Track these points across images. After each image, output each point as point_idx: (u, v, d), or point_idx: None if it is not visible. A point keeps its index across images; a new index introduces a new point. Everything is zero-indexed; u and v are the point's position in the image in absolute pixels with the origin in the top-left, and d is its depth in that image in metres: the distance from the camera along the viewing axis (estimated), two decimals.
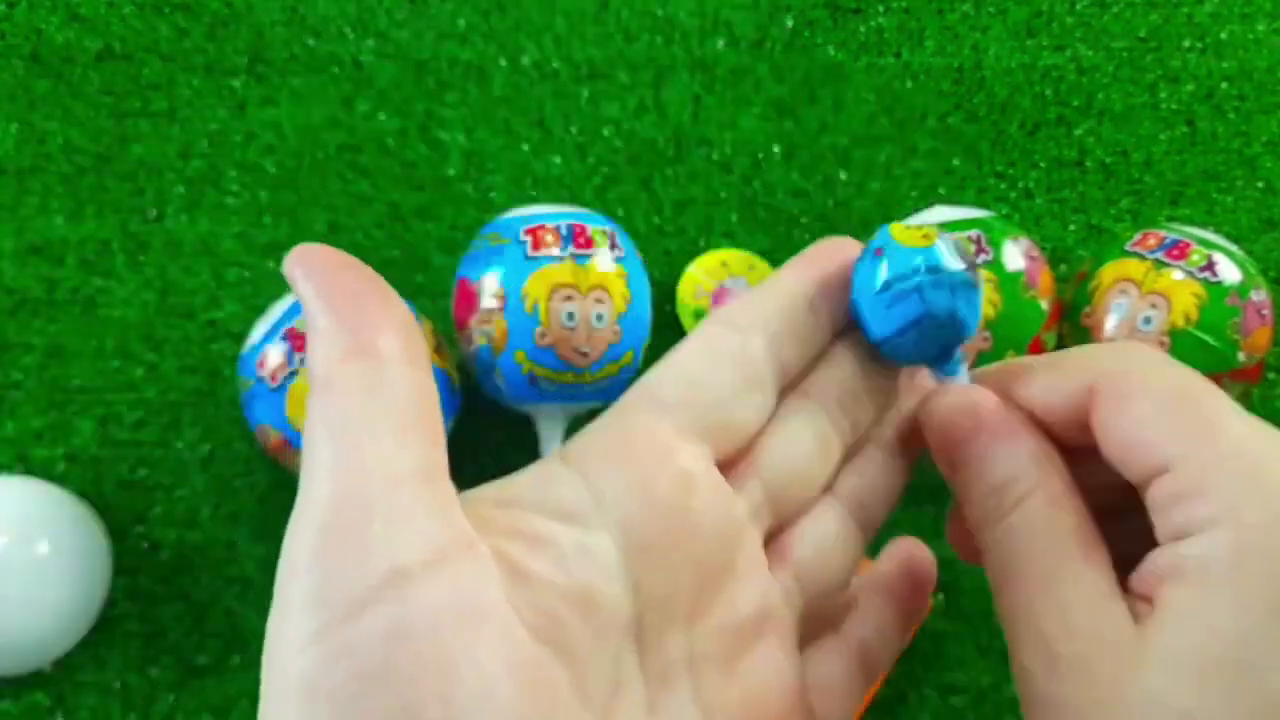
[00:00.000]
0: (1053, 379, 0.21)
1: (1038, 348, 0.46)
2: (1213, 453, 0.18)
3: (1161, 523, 0.19)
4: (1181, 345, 0.45)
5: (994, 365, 0.24)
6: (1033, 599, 0.19)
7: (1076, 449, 0.21)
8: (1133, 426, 0.19)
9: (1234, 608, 0.17)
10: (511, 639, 0.17)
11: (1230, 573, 0.17)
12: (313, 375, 0.18)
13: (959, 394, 0.22)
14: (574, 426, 0.48)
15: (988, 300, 0.45)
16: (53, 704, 0.48)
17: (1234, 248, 0.47)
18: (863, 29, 0.60)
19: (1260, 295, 0.46)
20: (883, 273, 0.21)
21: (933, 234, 0.22)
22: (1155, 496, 0.19)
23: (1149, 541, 0.19)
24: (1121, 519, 0.21)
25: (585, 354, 0.46)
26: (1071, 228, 0.57)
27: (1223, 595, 0.17)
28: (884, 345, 0.22)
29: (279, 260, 0.55)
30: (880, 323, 0.22)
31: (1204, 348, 0.45)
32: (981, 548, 0.21)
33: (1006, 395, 0.22)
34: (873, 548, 0.25)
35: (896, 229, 0.22)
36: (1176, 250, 0.47)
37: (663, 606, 0.20)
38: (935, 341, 0.22)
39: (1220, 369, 0.45)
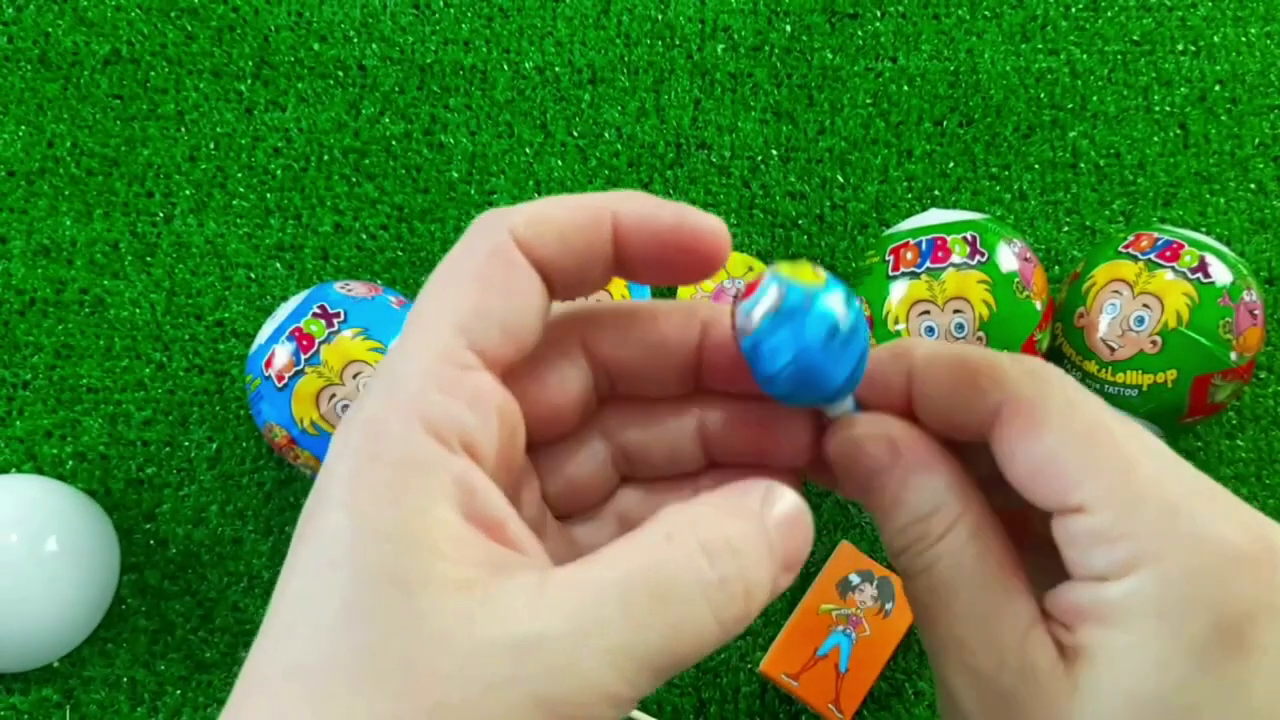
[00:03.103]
0: (957, 392, 0.20)
1: (1031, 348, 0.47)
2: (1130, 495, 0.18)
3: (1078, 559, 0.18)
4: (1173, 345, 0.46)
5: (885, 352, 0.22)
6: (964, 633, 0.19)
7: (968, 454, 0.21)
8: (1044, 458, 0.19)
9: (1159, 654, 0.17)
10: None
11: (1155, 620, 0.17)
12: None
13: (871, 424, 0.21)
14: None
15: (982, 301, 0.46)
16: (62, 699, 0.48)
17: (1226, 249, 0.48)
18: (859, 34, 0.61)
19: (1251, 296, 0.47)
20: (763, 308, 0.20)
21: (822, 273, 0.21)
22: (1070, 533, 0.19)
23: (1051, 551, 0.19)
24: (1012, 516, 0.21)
25: None
26: (1065, 229, 0.57)
27: (1148, 641, 0.17)
28: (767, 385, 0.21)
29: (286, 261, 0.56)
30: (764, 360, 0.20)
31: (1196, 347, 0.46)
32: (902, 574, 0.21)
33: (907, 412, 0.21)
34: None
35: (784, 265, 0.21)
36: (1169, 251, 0.47)
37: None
38: (816, 381, 0.20)
39: (1212, 368, 0.46)
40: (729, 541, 0.18)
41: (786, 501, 0.19)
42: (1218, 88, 0.60)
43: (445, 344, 0.18)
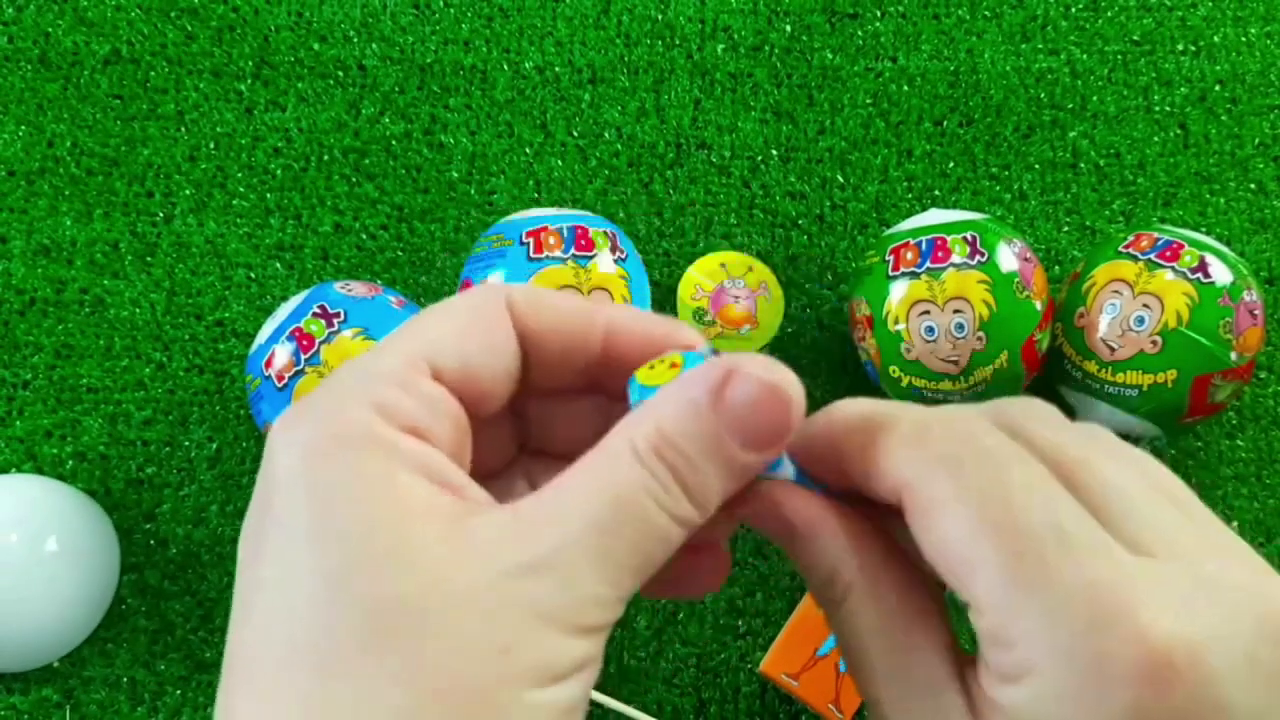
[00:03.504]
0: (869, 472, 0.20)
1: (1031, 348, 0.47)
2: (1015, 599, 0.18)
3: (985, 653, 0.19)
4: (1174, 345, 0.46)
5: (817, 426, 0.22)
6: (878, 694, 0.20)
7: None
8: (934, 552, 0.19)
9: None
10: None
11: None
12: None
13: (764, 497, 0.21)
14: None
15: (982, 301, 0.46)
16: (62, 699, 0.48)
17: (1226, 249, 0.48)
18: (859, 34, 0.61)
19: (1252, 296, 0.47)
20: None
21: (679, 360, 0.21)
22: (974, 624, 0.19)
23: None
24: None
25: None
26: (1065, 229, 0.57)
27: None
28: None
29: (286, 261, 0.56)
30: None
31: (1196, 347, 0.46)
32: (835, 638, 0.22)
33: (839, 461, 0.21)
34: None
35: (641, 372, 0.21)
36: (1169, 251, 0.47)
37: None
38: None
39: (1212, 368, 0.46)
40: (665, 438, 0.19)
41: (743, 378, 0.19)
42: (1218, 88, 0.60)
43: (409, 356, 0.20)
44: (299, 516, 0.18)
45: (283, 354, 0.45)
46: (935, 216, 0.49)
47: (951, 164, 0.58)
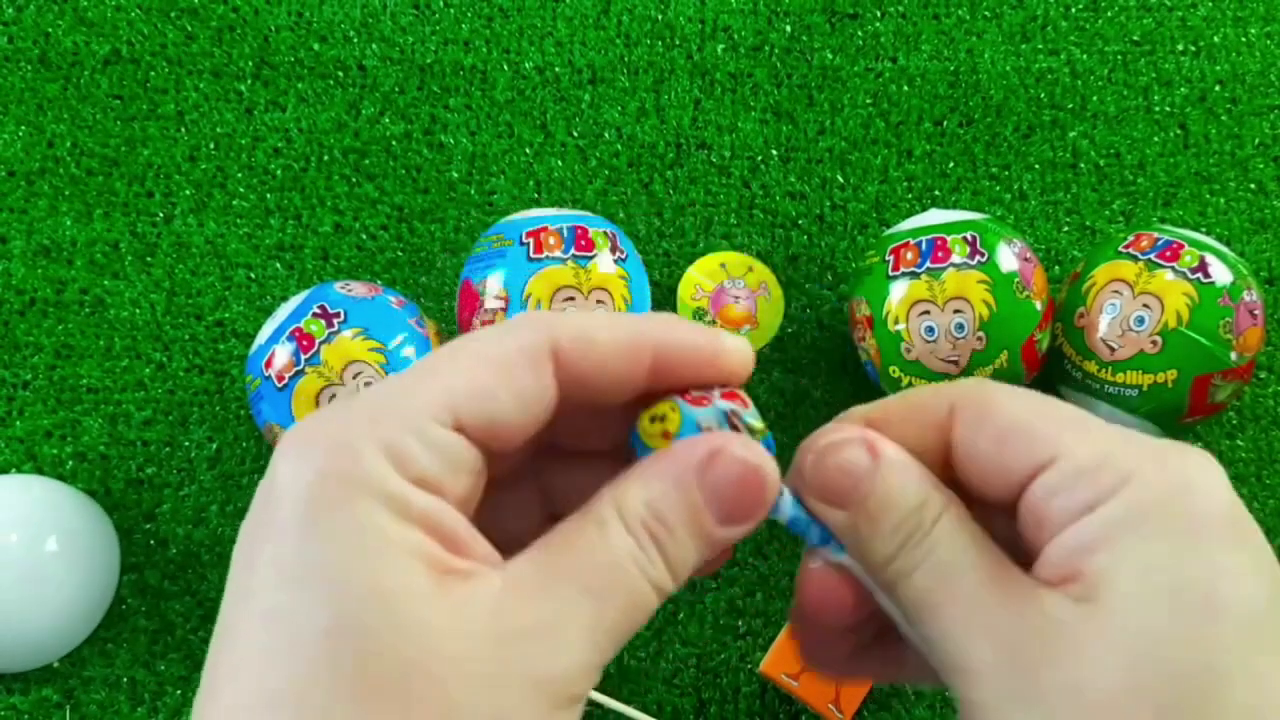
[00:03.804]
0: (910, 411, 0.22)
1: (1031, 348, 0.47)
2: (1094, 435, 0.20)
3: (1057, 508, 0.19)
4: (1174, 345, 0.46)
5: (849, 417, 0.23)
6: (978, 602, 0.20)
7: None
8: (1006, 428, 0.20)
9: (1177, 542, 0.18)
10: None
11: (1161, 516, 0.18)
12: None
13: (846, 431, 0.22)
14: None
15: (982, 301, 0.46)
16: (62, 699, 0.48)
17: (1226, 249, 0.48)
18: (859, 34, 0.61)
19: (1251, 296, 0.47)
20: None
21: (675, 420, 0.21)
22: (1047, 484, 0.20)
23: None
24: None
25: None
26: (1065, 229, 0.57)
27: (1161, 537, 0.18)
28: None
29: (286, 261, 0.56)
30: None
31: (1196, 348, 0.46)
32: (893, 580, 0.21)
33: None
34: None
35: (643, 424, 0.22)
36: (1169, 251, 0.47)
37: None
38: None
39: (1212, 368, 0.46)
40: (652, 510, 0.20)
41: (725, 459, 0.20)
42: (1218, 88, 0.60)
43: (432, 401, 0.19)
44: (301, 556, 0.18)
45: (283, 354, 0.45)
46: (935, 216, 0.49)
47: (951, 164, 0.58)
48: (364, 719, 0.16)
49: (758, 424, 0.21)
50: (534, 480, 0.24)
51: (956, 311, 0.46)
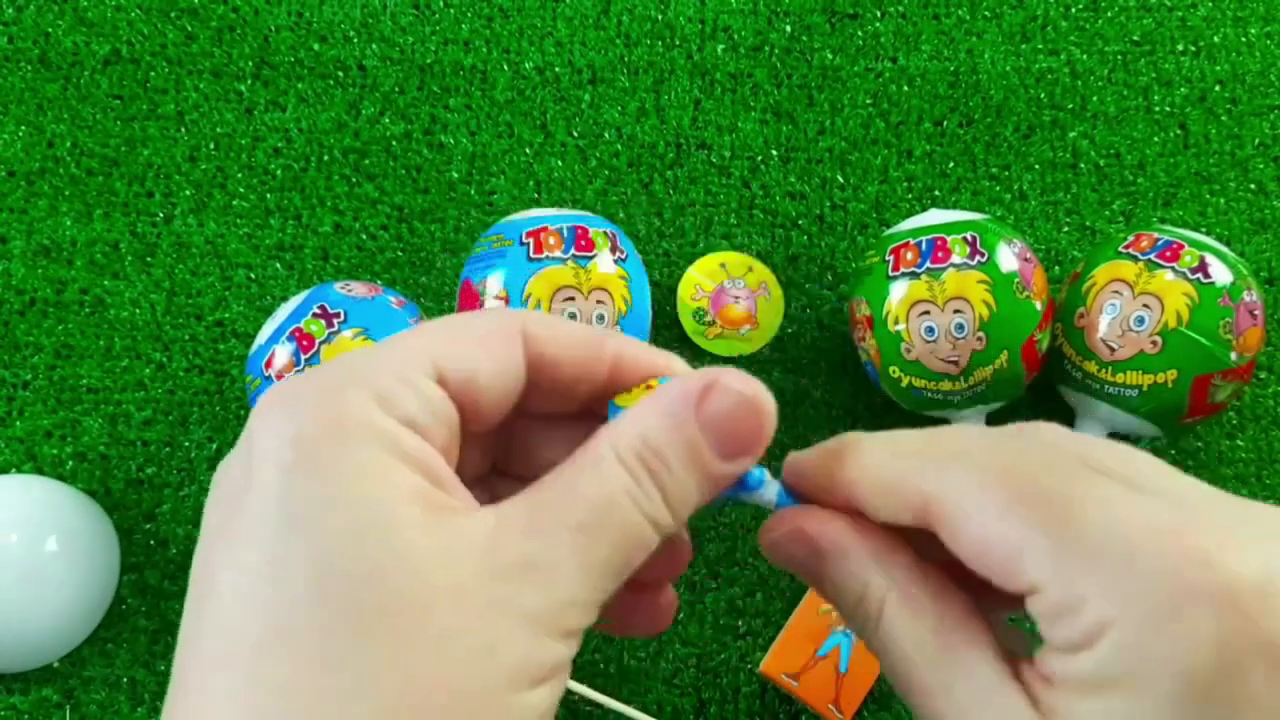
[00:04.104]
0: (886, 502, 0.21)
1: (1031, 348, 0.47)
2: (1074, 558, 0.17)
3: (1047, 632, 0.18)
4: (1174, 345, 0.46)
5: (815, 454, 0.22)
6: (934, 707, 0.19)
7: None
8: (978, 551, 0.19)
9: (1139, 713, 0.17)
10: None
11: (1126, 690, 0.17)
12: None
13: (787, 522, 0.22)
14: None
15: (982, 301, 0.46)
16: (62, 699, 0.48)
17: (1226, 249, 0.48)
18: (859, 34, 0.61)
19: (1252, 296, 0.47)
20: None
21: (655, 383, 0.22)
22: (1034, 611, 0.18)
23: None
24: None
25: None
26: (1065, 229, 0.57)
27: (1125, 708, 0.17)
28: None
29: (286, 261, 0.56)
30: None
31: (1196, 348, 0.46)
32: (876, 658, 0.21)
33: (849, 494, 0.21)
34: None
35: (620, 397, 0.22)
36: (1169, 252, 0.47)
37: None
38: None
39: (1212, 369, 0.46)
40: (648, 444, 0.19)
41: (721, 391, 0.20)
42: (1218, 88, 0.60)
43: (416, 354, 0.20)
44: (288, 500, 0.17)
45: (283, 354, 0.45)
46: (935, 216, 0.49)
47: (951, 164, 0.58)
48: (357, 649, 0.16)
49: None
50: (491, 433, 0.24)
51: (956, 312, 0.46)
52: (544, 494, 0.19)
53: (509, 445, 0.24)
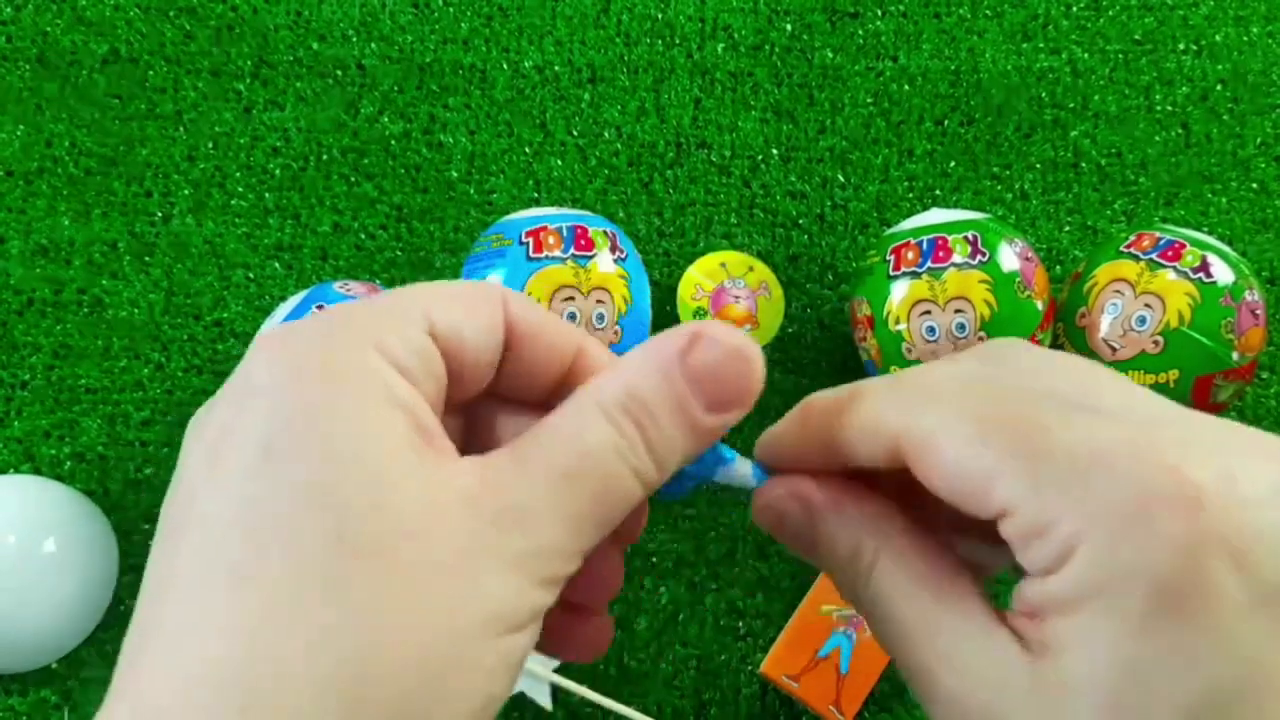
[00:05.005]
0: (860, 440, 0.21)
1: None
2: (1041, 477, 0.18)
3: (1023, 558, 0.18)
4: (1175, 345, 0.46)
5: (788, 423, 0.23)
6: (922, 658, 0.19)
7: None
8: (950, 482, 0.19)
9: (1109, 635, 0.17)
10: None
11: (1100, 601, 0.17)
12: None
13: (776, 487, 0.22)
14: None
15: (984, 301, 0.46)
16: (60, 700, 0.48)
17: (1228, 249, 0.48)
18: (860, 33, 0.61)
19: (1253, 296, 0.47)
20: None
21: None
22: (1008, 535, 0.18)
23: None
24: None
25: None
26: (1066, 229, 0.57)
27: (1098, 625, 0.17)
28: None
29: (285, 261, 0.55)
30: None
31: (1198, 348, 0.46)
32: (864, 618, 0.22)
33: (824, 444, 0.22)
34: None
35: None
36: (1171, 251, 0.47)
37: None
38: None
39: (1214, 369, 0.46)
40: (633, 395, 0.19)
41: (707, 342, 0.20)
42: (1219, 87, 0.60)
43: (409, 307, 0.20)
44: (280, 433, 0.17)
45: None
46: (936, 216, 0.49)
47: (952, 163, 0.58)
48: (340, 580, 0.16)
49: None
50: (456, 414, 0.24)
51: (958, 311, 0.46)
52: (529, 444, 0.19)
53: (474, 431, 0.24)
